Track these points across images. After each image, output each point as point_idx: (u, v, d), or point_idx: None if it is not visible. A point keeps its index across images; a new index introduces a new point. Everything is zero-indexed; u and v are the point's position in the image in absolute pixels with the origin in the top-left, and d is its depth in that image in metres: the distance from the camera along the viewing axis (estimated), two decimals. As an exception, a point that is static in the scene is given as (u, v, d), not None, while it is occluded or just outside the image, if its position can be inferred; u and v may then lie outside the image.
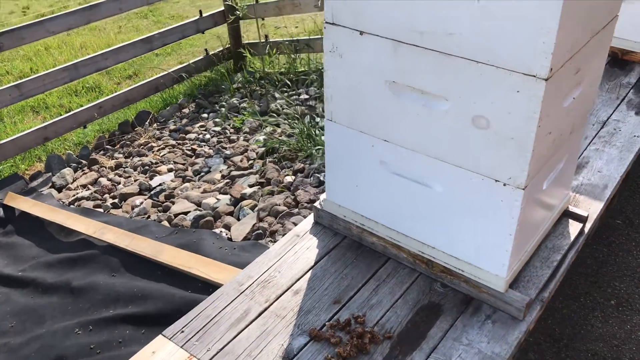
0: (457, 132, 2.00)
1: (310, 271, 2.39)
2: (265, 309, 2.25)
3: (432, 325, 2.16)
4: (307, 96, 5.18)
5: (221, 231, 3.64)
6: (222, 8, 5.71)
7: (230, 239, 3.57)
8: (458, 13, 1.84)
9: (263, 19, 5.35)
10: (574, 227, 2.47)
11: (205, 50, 5.87)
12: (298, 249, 2.48)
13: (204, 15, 5.67)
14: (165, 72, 5.55)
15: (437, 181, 2.14)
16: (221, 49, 5.88)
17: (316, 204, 2.60)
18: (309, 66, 5.43)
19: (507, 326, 2.13)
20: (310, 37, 5.42)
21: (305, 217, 3.48)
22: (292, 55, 5.44)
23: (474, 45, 1.85)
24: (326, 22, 2.16)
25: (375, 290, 2.29)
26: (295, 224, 3.43)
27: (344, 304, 2.25)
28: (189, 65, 5.70)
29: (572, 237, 2.42)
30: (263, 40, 5.41)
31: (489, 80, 1.86)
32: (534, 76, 1.77)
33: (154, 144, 4.98)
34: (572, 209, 2.55)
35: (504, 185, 1.98)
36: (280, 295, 2.30)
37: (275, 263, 2.44)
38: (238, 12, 4.95)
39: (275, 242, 3.41)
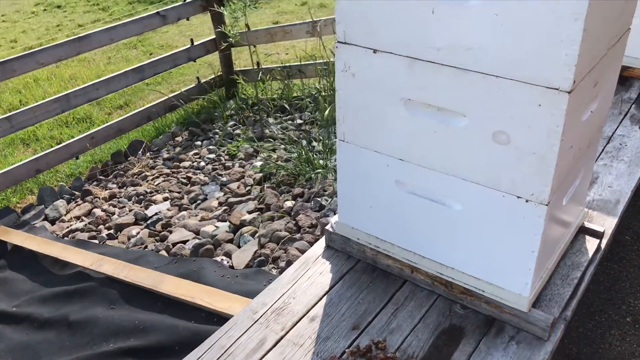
0: (477, 149, 1.94)
1: (326, 296, 2.30)
2: (282, 337, 2.15)
3: (455, 349, 2.07)
4: (301, 121, 5.12)
5: (222, 259, 3.54)
6: (213, 36, 5.66)
7: (232, 267, 3.47)
8: (476, 27, 1.78)
9: (255, 46, 5.30)
10: (590, 244, 2.41)
11: (197, 78, 5.81)
12: (311, 274, 2.40)
13: (195, 43, 5.62)
14: (158, 101, 5.48)
15: (456, 199, 2.08)
16: (213, 76, 5.82)
17: (328, 226, 2.52)
18: (302, 91, 5.38)
19: (532, 347, 2.05)
20: (302, 63, 5.38)
21: (308, 242, 3.40)
22: (285, 81, 5.39)
23: (493, 59, 1.80)
24: (338, 42, 2.10)
25: (394, 314, 2.21)
26: (299, 250, 3.35)
27: (363, 330, 2.16)
28: (181, 94, 5.62)
29: (590, 254, 2.36)
30: (255, 66, 5.36)
31: (508, 95, 1.81)
32: (557, 89, 1.72)
33: (147, 173, 4.88)
34: (587, 224, 2.49)
35: (527, 201, 1.91)
36: (297, 323, 2.21)
37: (288, 289, 2.35)
38: (230, 39, 4.90)
39: (278, 268, 3.32)
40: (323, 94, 5.01)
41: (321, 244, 2.56)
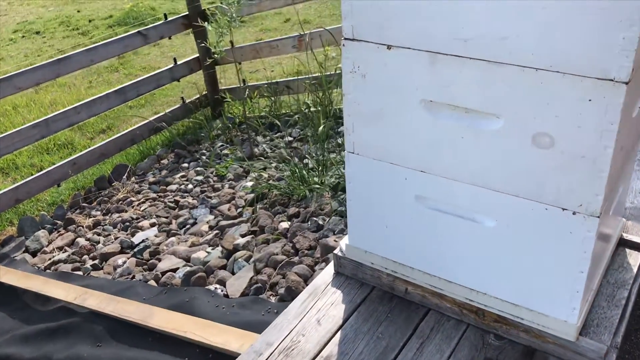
0: (513, 155, 1.62)
1: (340, 332, 1.95)
2: (293, 384, 1.81)
3: (494, 387, 1.74)
4: (290, 138, 4.80)
5: (216, 287, 3.20)
6: (197, 55, 5.34)
7: (226, 296, 3.12)
8: (513, 12, 1.47)
9: (240, 63, 4.98)
10: (633, 258, 2.09)
11: (182, 98, 5.48)
12: (321, 305, 2.05)
13: (178, 62, 5.29)
14: (142, 123, 5.13)
15: (488, 215, 1.75)
16: (198, 96, 5.49)
17: (336, 251, 2.18)
18: (290, 108, 5.07)
19: (583, 382, 1.73)
20: (289, 79, 5.07)
21: (308, 266, 3.07)
22: (272, 98, 5.07)
23: (533, 50, 1.48)
24: (345, 39, 1.78)
25: (419, 350, 1.87)
26: (298, 274, 3.02)
27: (387, 370, 1.82)
28: (165, 115, 5.29)
29: (635, 269, 2.04)
30: (241, 84, 5.04)
31: (552, 90, 1.49)
32: (612, 80, 1.40)
33: (133, 199, 4.56)
34: (626, 236, 2.17)
35: (574, 213, 1.59)
36: (309, 365, 1.86)
37: (296, 325, 2.00)
38: (216, 55, 4.57)
39: (277, 295, 3.00)
40: (313, 109, 4.69)
41: (329, 270, 2.22)
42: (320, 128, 3.93)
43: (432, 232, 1.88)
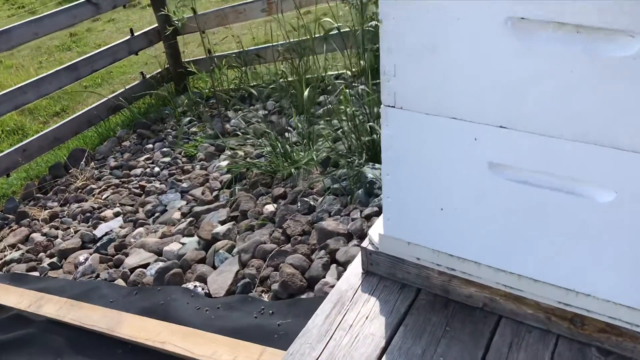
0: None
1: (385, 358, 1.34)
2: None
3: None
4: (265, 111, 4.16)
5: (195, 286, 2.63)
6: (156, 25, 4.62)
7: (209, 295, 2.56)
8: None
9: (204, 32, 4.29)
10: None
11: (142, 73, 4.79)
12: (352, 320, 1.46)
13: (136, 34, 4.57)
14: (99, 102, 4.44)
15: (603, 185, 1.19)
16: (159, 70, 4.79)
17: (365, 243, 1.58)
18: (262, 79, 4.41)
19: None
20: (260, 47, 4.41)
21: (304, 255, 2.50)
22: (243, 68, 4.40)
23: None
24: None
25: (499, 377, 1.29)
26: (294, 266, 2.44)
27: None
28: (125, 92, 4.58)
29: None
30: (207, 55, 4.36)
31: None
32: None
33: (93, 186, 3.98)
34: None
35: None
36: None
37: (322, 352, 1.40)
38: (176, 22, 3.88)
39: (270, 292, 2.43)
40: (290, 78, 4.05)
41: (355, 270, 1.64)
42: (306, 92, 3.30)
43: (511, 215, 1.31)
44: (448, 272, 1.50)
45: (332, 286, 2.31)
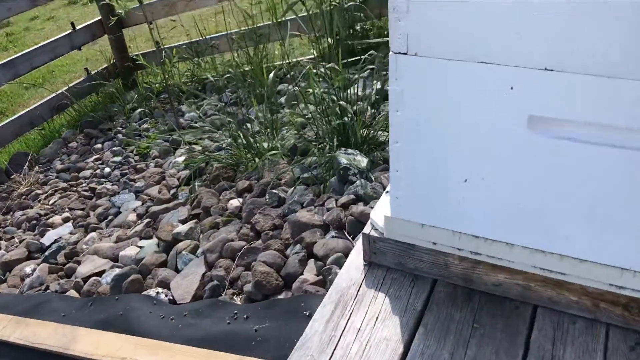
0: None
1: (405, 366, 1.12)
2: None
3: None
4: (221, 103, 3.88)
5: (158, 292, 2.37)
6: (99, 17, 4.29)
7: (173, 302, 2.29)
8: None
9: (151, 23, 3.98)
10: None
11: (86, 69, 4.45)
12: (359, 323, 1.22)
13: (77, 27, 4.23)
14: (41, 102, 4.10)
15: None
16: (105, 66, 4.45)
17: (367, 229, 1.34)
18: (216, 70, 4.13)
19: None
20: (212, 36, 4.13)
21: (277, 251, 2.26)
22: (195, 60, 4.12)
23: None
24: None
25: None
26: (267, 263, 2.22)
27: None
28: (69, 90, 4.23)
29: None
30: (156, 46, 4.06)
31: None
32: None
33: (39, 191, 3.68)
34: None
35: None
36: None
37: (325, 364, 1.15)
38: (120, 12, 3.56)
39: (243, 293, 2.19)
40: (247, 68, 3.79)
41: (355, 262, 1.39)
42: (271, 75, 3.04)
43: (555, 182, 1.07)
44: (472, 257, 1.27)
45: (313, 283, 2.07)
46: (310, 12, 3.24)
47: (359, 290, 1.32)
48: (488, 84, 1.09)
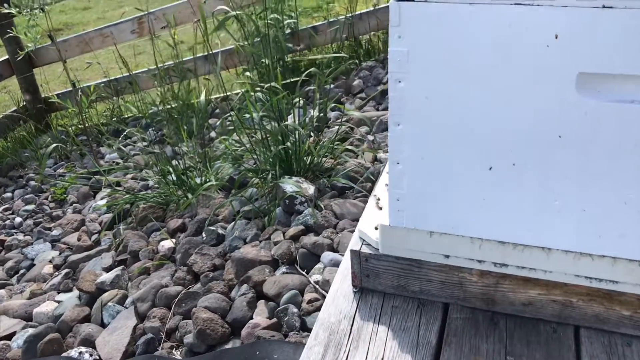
0: None
1: None
2: None
3: None
4: (144, 143, 3.50)
5: (81, 352, 1.98)
6: (6, 56, 3.84)
7: None
8: None
9: (65, 62, 3.58)
10: None
11: (-8, 113, 3.95)
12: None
13: (-20, 67, 3.77)
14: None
15: None
16: (14, 109, 3.97)
17: (355, 245, 1.02)
18: (137, 108, 3.76)
19: None
20: (132, 73, 3.76)
21: (221, 293, 1.92)
22: (114, 98, 3.73)
23: None
24: None
25: None
26: (210, 309, 1.87)
27: None
28: (-29, 136, 3.75)
29: None
30: (71, 87, 3.64)
31: None
32: None
33: None
34: None
35: None
36: None
37: None
38: (29, 46, 3.15)
39: (183, 346, 1.82)
40: (172, 105, 3.44)
41: (343, 289, 1.06)
42: (202, 96, 2.71)
43: (612, 163, 0.79)
44: (496, 270, 0.98)
45: (265, 327, 1.73)
46: (242, 41, 2.98)
47: (352, 324, 0.98)
48: (524, 33, 0.81)
